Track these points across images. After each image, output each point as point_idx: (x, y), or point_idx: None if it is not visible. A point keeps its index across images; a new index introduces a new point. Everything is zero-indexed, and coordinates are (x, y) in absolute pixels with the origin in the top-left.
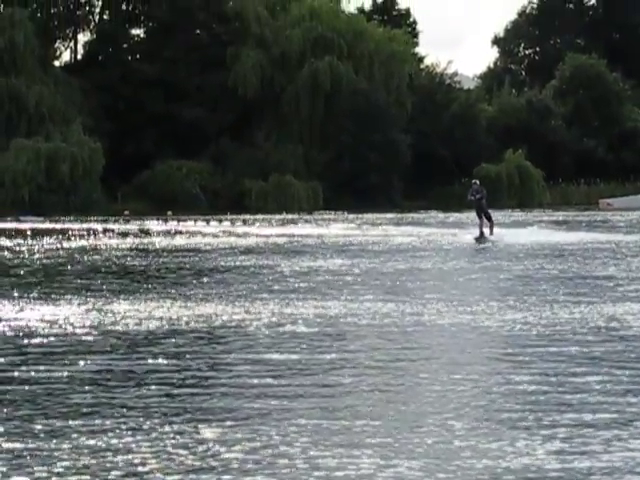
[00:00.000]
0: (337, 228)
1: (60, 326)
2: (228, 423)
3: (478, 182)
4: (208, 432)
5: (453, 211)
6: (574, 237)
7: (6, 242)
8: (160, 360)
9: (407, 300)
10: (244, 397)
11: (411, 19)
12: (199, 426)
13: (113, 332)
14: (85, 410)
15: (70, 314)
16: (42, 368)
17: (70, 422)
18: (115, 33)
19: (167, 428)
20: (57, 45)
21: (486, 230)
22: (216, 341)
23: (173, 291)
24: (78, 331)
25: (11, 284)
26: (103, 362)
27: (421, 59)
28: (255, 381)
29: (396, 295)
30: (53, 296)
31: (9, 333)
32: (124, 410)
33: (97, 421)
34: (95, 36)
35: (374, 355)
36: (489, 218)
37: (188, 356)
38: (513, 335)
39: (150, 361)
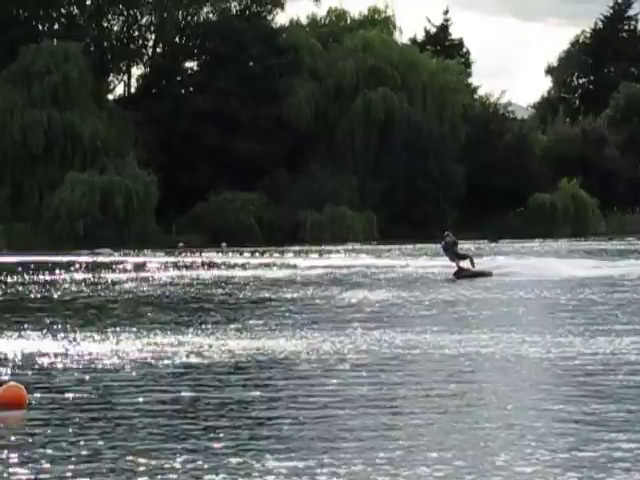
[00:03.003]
0: (392, 258)
1: (126, 357)
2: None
3: (451, 234)
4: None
5: (507, 241)
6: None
7: (110, 275)
8: (243, 391)
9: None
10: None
11: (464, 49)
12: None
13: (191, 364)
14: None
15: (142, 346)
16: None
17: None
18: (168, 66)
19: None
20: (111, 79)
21: (465, 264)
22: (285, 372)
23: (235, 323)
24: (160, 362)
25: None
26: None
27: (475, 89)
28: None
29: (452, 326)
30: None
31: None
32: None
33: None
34: (148, 69)
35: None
36: (464, 257)
37: (267, 386)
38: None
39: (239, 391)
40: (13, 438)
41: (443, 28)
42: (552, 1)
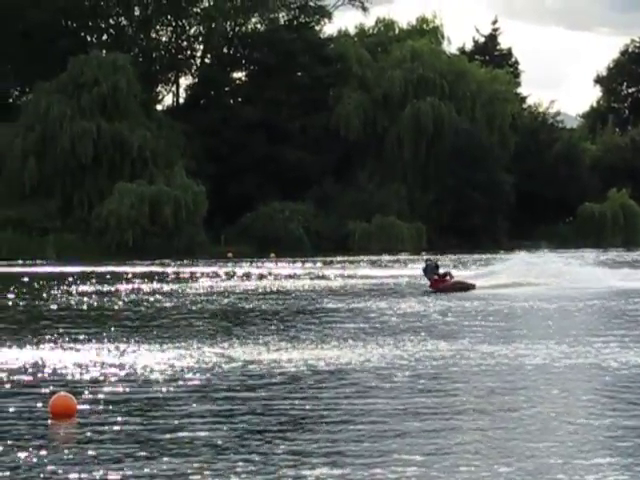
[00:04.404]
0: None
1: (171, 369)
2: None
3: (431, 258)
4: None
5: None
6: None
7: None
8: (299, 401)
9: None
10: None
11: (513, 59)
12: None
13: (244, 374)
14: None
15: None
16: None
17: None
18: (217, 76)
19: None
20: (159, 89)
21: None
22: (338, 382)
23: (288, 333)
24: (212, 373)
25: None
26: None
27: (523, 99)
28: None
29: (499, 337)
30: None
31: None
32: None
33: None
34: (197, 80)
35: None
36: (445, 274)
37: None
38: None
39: (295, 402)
40: (63, 447)
41: (492, 38)
42: (601, 10)
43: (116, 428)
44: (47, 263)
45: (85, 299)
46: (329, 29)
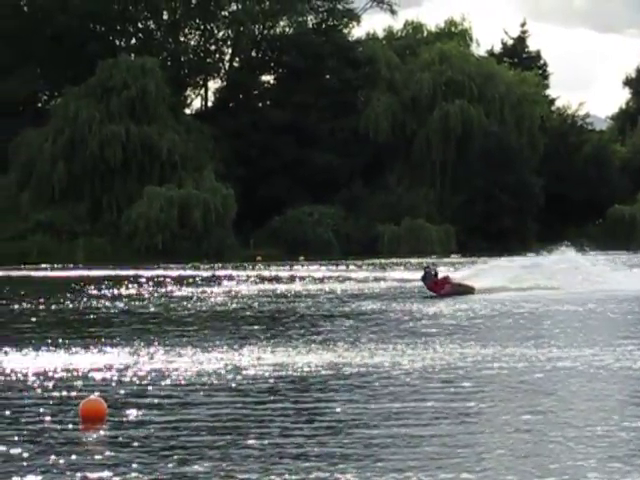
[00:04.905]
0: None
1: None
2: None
3: (430, 266)
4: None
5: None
6: None
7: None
8: (332, 404)
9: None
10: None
11: (541, 61)
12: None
13: (276, 378)
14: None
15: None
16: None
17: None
18: (245, 80)
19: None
20: (188, 93)
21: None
22: (373, 386)
23: (319, 335)
24: (244, 377)
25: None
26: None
27: (552, 101)
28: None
29: (530, 339)
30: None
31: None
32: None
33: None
34: (225, 83)
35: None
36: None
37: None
38: None
39: (328, 406)
40: (93, 451)
41: (520, 40)
42: (629, 12)
43: (147, 432)
44: (77, 267)
45: (116, 303)
46: (358, 32)
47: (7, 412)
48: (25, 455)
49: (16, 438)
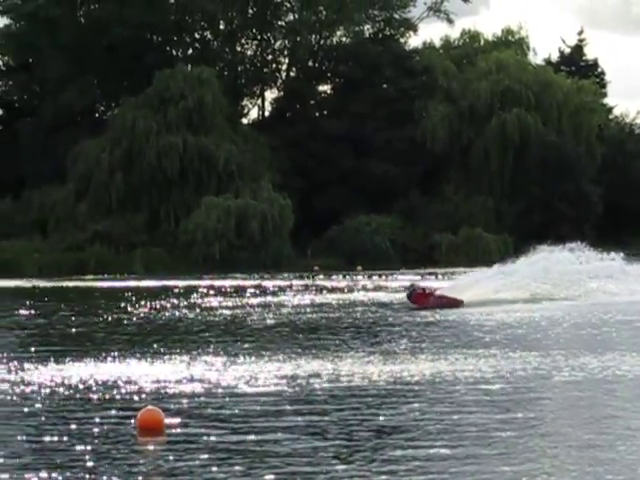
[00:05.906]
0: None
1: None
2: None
3: (415, 286)
4: None
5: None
6: None
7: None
8: (391, 415)
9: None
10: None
11: (599, 69)
12: None
13: (329, 389)
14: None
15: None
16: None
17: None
18: (302, 89)
19: None
20: (245, 103)
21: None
22: (433, 397)
23: (378, 346)
24: (298, 388)
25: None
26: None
27: (610, 109)
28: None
29: (585, 348)
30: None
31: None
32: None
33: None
34: (282, 93)
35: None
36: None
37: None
38: None
39: (384, 417)
40: (151, 462)
41: (577, 48)
42: None
43: (205, 443)
44: (135, 277)
45: (176, 313)
46: (414, 41)
47: (68, 423)
48: (85, 465)
49: (77, 448)
